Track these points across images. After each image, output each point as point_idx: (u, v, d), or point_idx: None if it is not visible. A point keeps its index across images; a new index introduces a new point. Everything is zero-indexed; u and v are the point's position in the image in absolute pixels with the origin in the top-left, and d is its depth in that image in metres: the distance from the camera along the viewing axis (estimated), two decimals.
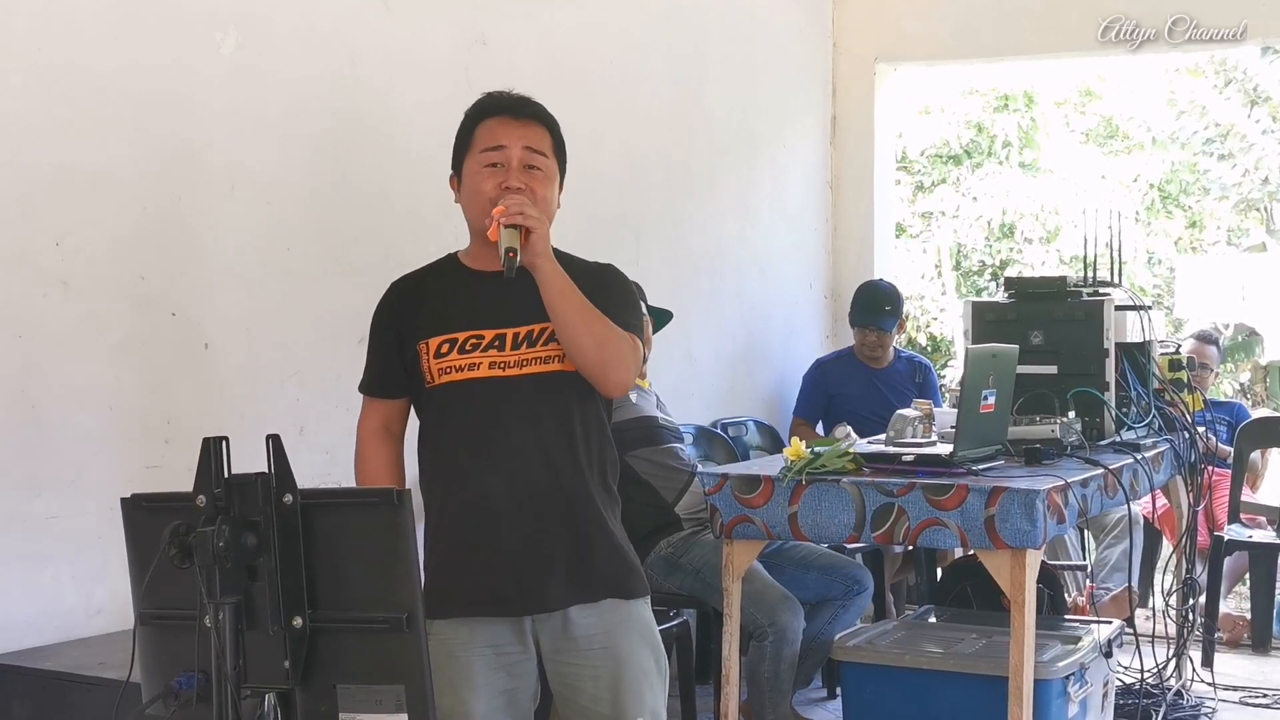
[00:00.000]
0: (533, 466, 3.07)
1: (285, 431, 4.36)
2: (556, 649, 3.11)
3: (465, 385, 3.08)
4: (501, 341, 3.08)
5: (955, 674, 4.47)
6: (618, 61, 5.87)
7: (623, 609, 3.13)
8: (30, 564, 3.74)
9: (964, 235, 14.03)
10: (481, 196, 3.10)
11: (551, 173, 3.19)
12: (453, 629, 3.08)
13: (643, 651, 3.14)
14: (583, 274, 3.15)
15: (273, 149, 4.38)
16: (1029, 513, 4.04)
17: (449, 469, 3.13)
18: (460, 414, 3.10)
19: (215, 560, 2.24)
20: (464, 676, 3.07)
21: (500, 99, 3.23)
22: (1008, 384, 4.56)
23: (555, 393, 3.09)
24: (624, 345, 3.08)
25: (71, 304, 3.82)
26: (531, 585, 3.06)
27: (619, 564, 3.16)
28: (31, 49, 3.73)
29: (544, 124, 3.21)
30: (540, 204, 3.09)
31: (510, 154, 3.12)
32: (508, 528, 3.06)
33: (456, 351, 3.08)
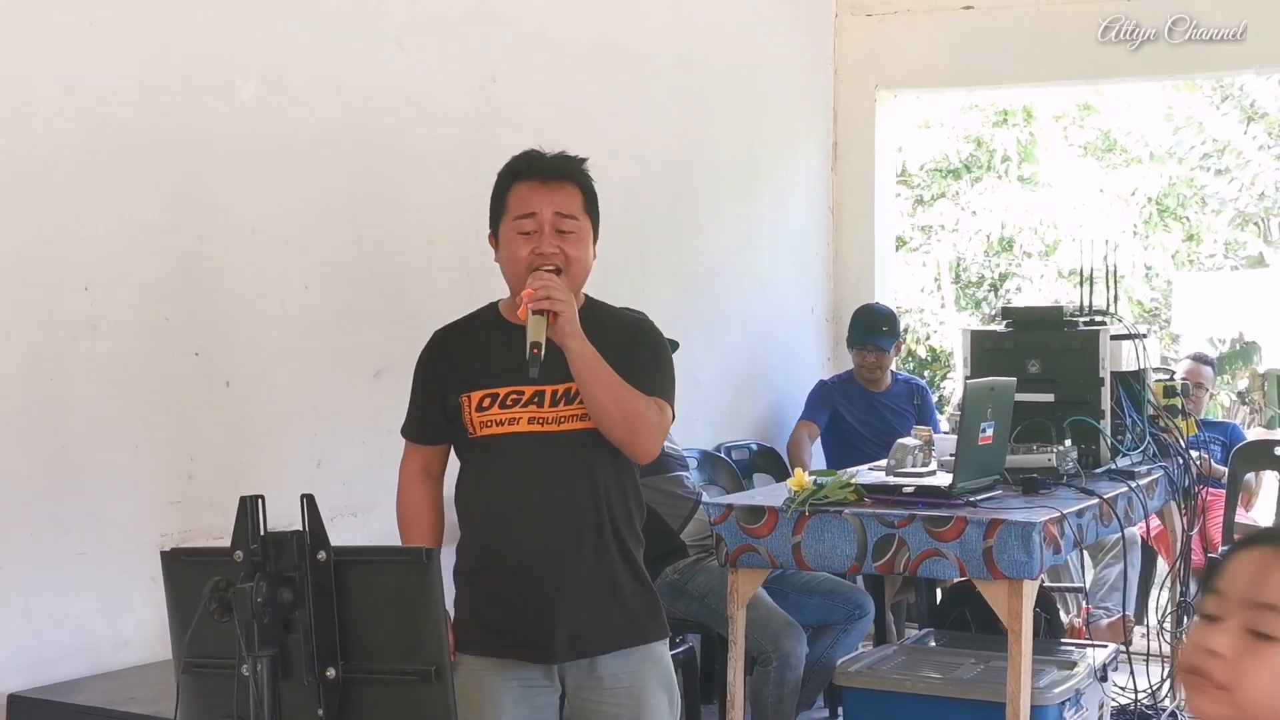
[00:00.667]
0: (565, 520, 3.21)
1: (303, 464, 4.55)
2: (581, 686, 3.26)
3: (505, 439, 3.23)
4: (541, 398, 3.21)
5: (954, 700, 4.60)
6: (623, 94, 6.00)
7: (645, 651, 3.29)
8: (60, 598, 3.87)
9: (963, 249, 14.14)
10: (518, 263, 3.24)
11: (584, 232, 3.30)
12: (482, 662, 3.24)
13: (661, 692, 3.30)
14: (615, 329, 3.29)
15: (291, 190, 4.51)
16: (1026, 544, 4.16)
17: (485, 516, 3.29)
18: (499, 466, 3.25)
19: (253, 615, 2.36)
20: (490, 706, 3.21)
21: (531, 162, 3.33)
22: (1005, 415, 4.68)
23: (590, 449, 3.22)
24: (651, 416, 3.20)
25: (99, 346, 3.95)
26: (559, 635, 3.21)
27: (643, 612, 3.31)
28: (61, 98, 3.85)
29: (575, 183, 3.31)
30: (573, 265, 3.24)
31: (542, 219, 3.24)
32: (538, 578, 3.21)
33: (498, 406, 3.22)
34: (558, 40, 5.62)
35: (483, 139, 5.24)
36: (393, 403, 4.84)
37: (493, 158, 5.23)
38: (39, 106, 3.81)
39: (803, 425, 6.79)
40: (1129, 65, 7.07)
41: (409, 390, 4.86)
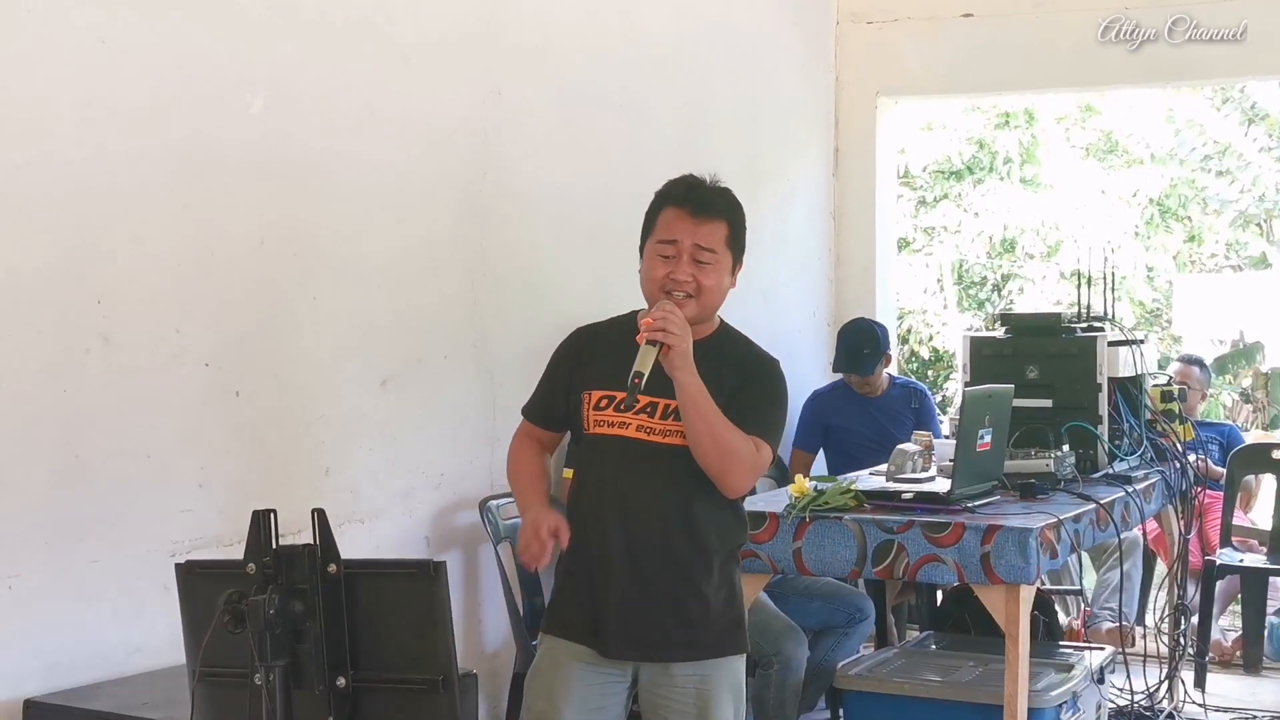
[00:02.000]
0: (647, 526, 3.37)
1: (311, 472, 4.63)
2: (654, 681, 3.41)
3: (613, 441, 3.39)
4: (654, 409, 3.35)
5: (954, 702, 4.67)
6: (626, 104, 6.06)
7: (721, 662, 3.43)
8: (74, 605, 3.93)
9: (966, 250, 14.19)
10: (653, 282, 3.40)
11: (722, 264, 3.43)
12: (562, 644, 3.42)
13: (729, 701, 3.43)
14: (738, 362, 3.45)
15: (299, 204, 4.58)
16: (1023, 550, 4.23)
17: (582, 510, 3.44)
18: (602, 465, 3.41)
19: (266, 626, 2.44)
20: (562, 686, 3.38)
21: (685, 192, 3.45)
22: (1003, 423, 4.75)
23: (684, 466, 3.35)
24: (746, 455, 3.34)
25: (111, 358, 4.02)
26: (627, 635, 3.37)
27: (724, 627, 3.44)
28: (73, 115, 3.92)
29: (723, 218, 3.44)
30: (705, 293, 3.37)
31: (681, 247, 3.38)
32: (613, 575, 3.37)
33: (613, 409, 3.38)
34: (561, 52, 5.69)
35: (488, 151, 5.32)
36: (400, 411, 4.96)
37: (497, 169, 5.36)
38: (52, 123, 3.88)
39: (796, 457, 6.75)
40: (1129, 69, 7.11)
41: (414, 399, 4.98)
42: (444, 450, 5.14)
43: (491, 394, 5.28)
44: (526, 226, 5.50)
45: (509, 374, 5.23)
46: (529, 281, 5.48)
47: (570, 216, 5.73)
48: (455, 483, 5.18)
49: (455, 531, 5.19)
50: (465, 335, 5.24)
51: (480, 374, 5.29)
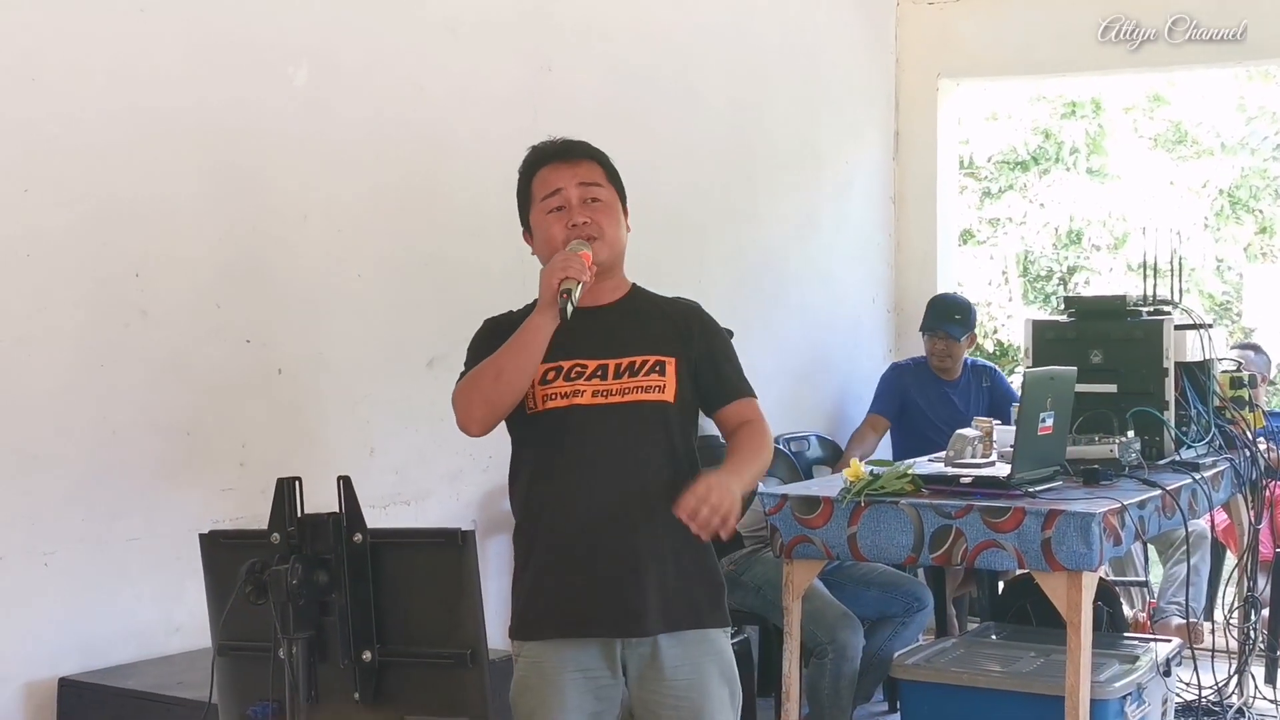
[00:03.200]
0: (629, 493, 3.18)
1: (355, 453, 4.55)
2: (643, 677, 3.21)
3: (567, 411, 3.19)
4: (604, 371, 3.20)
5: (1013, 693, 4.53)
6: (680, 84, 5.96)
7: (706, 641, 3.25)
8: (112, 584, 3.88)
9: (1031, 242, 14.00)
10: (553, 241, 3.23)
11: (612, 202, 3.32)
12: (545, 651, 3.19)
13: (722, 685, 3.26)
14: (665, 315, 3.30)
15: (343, 178, 4.51)
16: (1085, 535, 4.09)
17: (546, 493, 3.22)
18: (560, 439, 3.20)
19: (289, 597, 2.36)
20: (556, 698, 3.17)
21: (546, 148, 3.37)
22: (1066, 406, 4.61)
23: (654, 422, 3.20)
24: (766, 434, 3.29)
25: (150, 333, 3.96)
26: (622, 609, 3.16)
27: (703, 594, 3.27)
28: (111, 85, 3.86)
29: (593, 159, 3.35)
30: (607, 234, 3.24)
31: (569, 194, 3.26)
32: (602, 551, 3.16)
33: (561, 379, 3.19)
34: (613, 29, 5.59)
35: (536, 129, 5.17)
36: (446, 391, 4.84)
37: None
38: (91, 95, 3.82)
39: (870, 420, 6.69)
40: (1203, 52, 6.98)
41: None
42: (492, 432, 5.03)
43: None
44: None
45: None
46: None
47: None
48: (503, 465, 4.99)
49: (503, 514, 5.08)
50: None
51: None
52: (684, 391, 3.23)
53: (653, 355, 3.21)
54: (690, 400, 3.26)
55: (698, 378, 3.25)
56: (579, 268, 3.10)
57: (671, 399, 3.20)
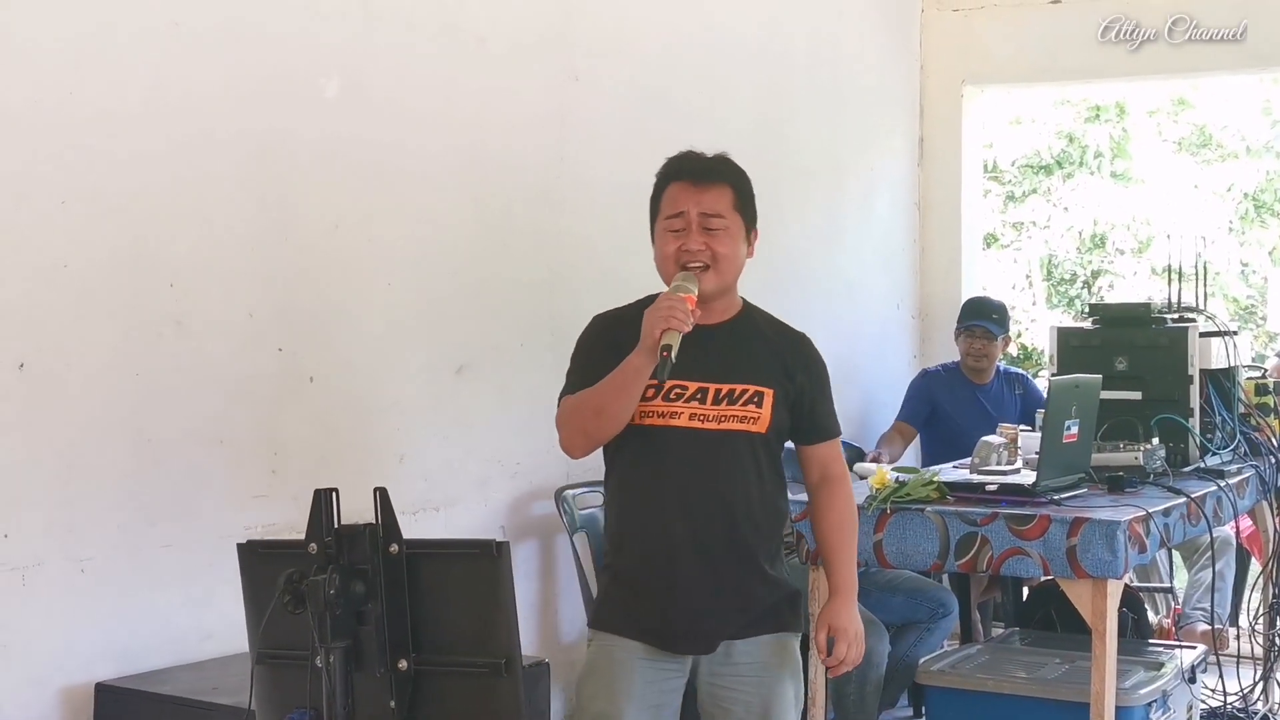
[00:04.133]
0: (712, 516, 3.27)
1: (385, 460, 4.59)
2: (713, 672, 3.32)
3: (664, 431, 3.27)
4: (704, 395, 3.27)
5: (1039, 700, 4.54)
6: (705, 92, 5.99)
7: (779, 641, 3.36)
8: (146, 590, 3.93)
9: (1055, 246, 13.98)
10: (666, 259, 3.33)
11: (733, 230, 3.36)
12: (617, 639, 3.31)
13: (790, 684, 3.36)
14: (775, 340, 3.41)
15: (373, 188, 4.55)
16: (1110, 543, 4.11)
17: (634, 504, 3.33)
18: (653, 457, 3.28)
19: (326, 607, 2.39)
20: (623, 683, 3.27)
21: (682, 164, 3.42)
22: (1091, 413, 4.63)
23: (745, 451, 3.29)
24: (854, 506, 3.49)
25: (184, 342, 4.00)
26: (695, 628, 3.27)
27: (784, 602, 3.39)
28: (147, 98, 3.91)
29: (726, 182, 3.38)
30: (721, 261, 3.31)
31: (689, 218, 3.32)
32: (680, 569, 3.26)
33: (661, 399, 3.25)
34: (638, 39, 5.62)
35: (564, 137, 5.27)
36: (475, 399, 4.92)
37: (574, 155, 5.31)
38: (125, 107, 3.86)
39: (897, 426, 6.69)
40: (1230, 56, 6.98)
41: (490, 387, 4.94)
42: (520, 439, 5.08)
43: None
44: (602, 214, 5.44)
45: None
46: (605, 269, 5.41)
47: (646, 204, 5.63)
48: (531, 472, 5.13)
49: (531, 521, 5.14)
50: (541, 323, 5.18)
51: (557, 362, 5.15)
52: (778, 422, 3.32)
53: (752, 385, 3.29)
54: (782, 430, 3.36)
55: (793, 410, 3.35)
56: (682, 316, 3.15)
57: (764, 430, 3.30)
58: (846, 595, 3.40)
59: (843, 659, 3.38)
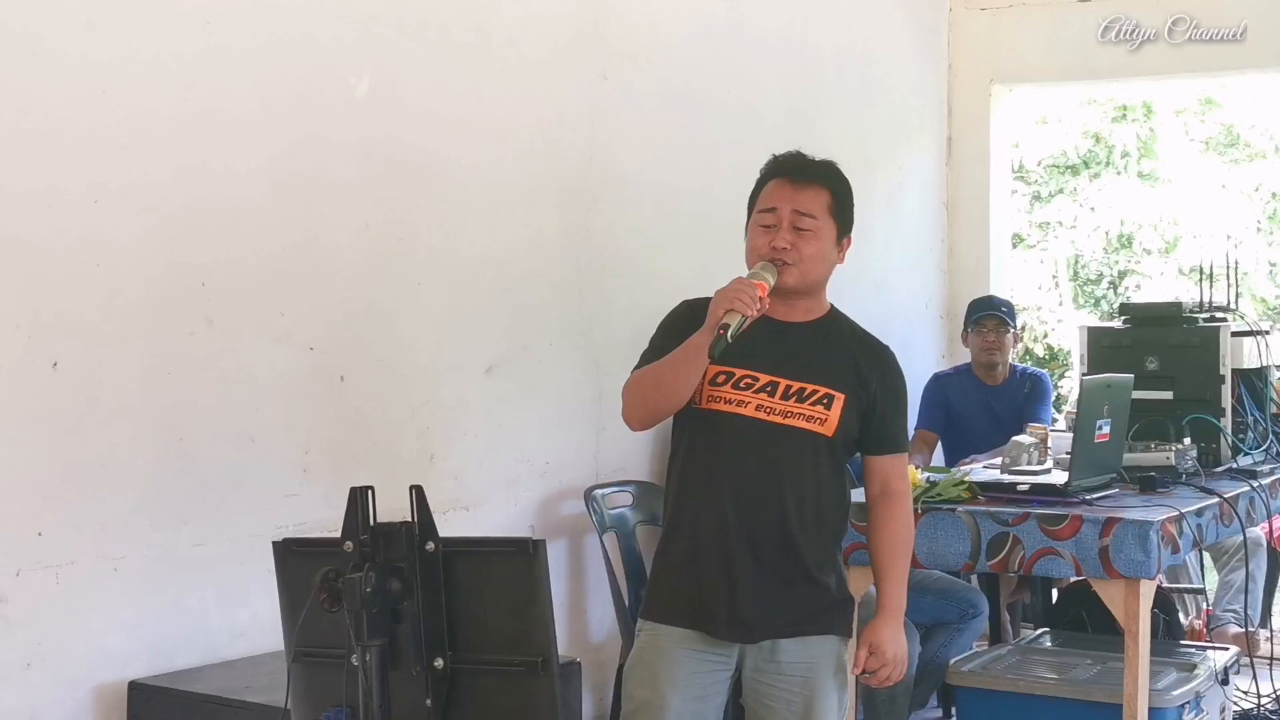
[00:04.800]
0: (769, 510, 3.28)
1: (415, 459, 4.60)
2: (759, 669, 3.32)
3: (728, 418, 3.28)
4: (773, 389, 3.28)
5: (1071, 700, 4.53)
6: (734, 90, 5.98)
7: (825, 643, 3.35)
8: (178, 589, 3.93)
9: (1082, 246, 13.93)
10: (754, 253, 3.34)
11: (824, 232, 3.35)
12: (665, 629, 3.32)
13: (834, 689, 3.35)
14: (859, 350, 3.40)
15: (403, 188, 4.55)
16: (1143, 543, 4.09)
17: (693, 489, 3.33)
18: (717, 443, 3.30)
19: (363, 605, 2.39)
20: (668, 672, 3.29)
21: (783, 162, 3.43)
22: (1123, 413, 4.61)
23: (808, 450, 3.30)
24: (911, 525, 3.55)
25: (216, 340, 4.01)
26: (739, 615, 3.27)
27: (834, 607, 3.39)
28: (178, 98, 3.91)
29: (824, 185, 3.38)
30: (806, 260, 3.30)
31: (781, 215, 3.32)
32: (729, 556, 3.27)
33: (730, 386, 3.28)
34: (667, 38, 5.62)
35: (593, 138, 5.27)
36: (505, 399, 4.92)
37: (603, 154, 5.31)
38: (158, 107, 3.87)
39: (919, 435, 6.65)
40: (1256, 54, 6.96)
41: (520, 387, 4.94)
42: (549, 438, 5.09)
43: (598, 382, 5.22)
44: (632, 213, 5.44)
45: (615, 362, 5.15)
46: (634, 269, 5.42)
47: (676, 204, 5.66)
48: (560, 471, 5.13)
49: (560, 520, 5.14)
50: (571, 323, 5.19)
51: (586, 362, 5.24)
52: (845, 428, 3.32)
53: (824, 387, 3.29)
54: (849, 436, 3.35)
55: (863, 420, 3.35)
56: (748, 300, 3.15)
57: (830, 433, 3.30)
58: (893, 615, 3.39)
59: (875, 674, 3.38)
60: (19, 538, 3.57)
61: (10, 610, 3.55)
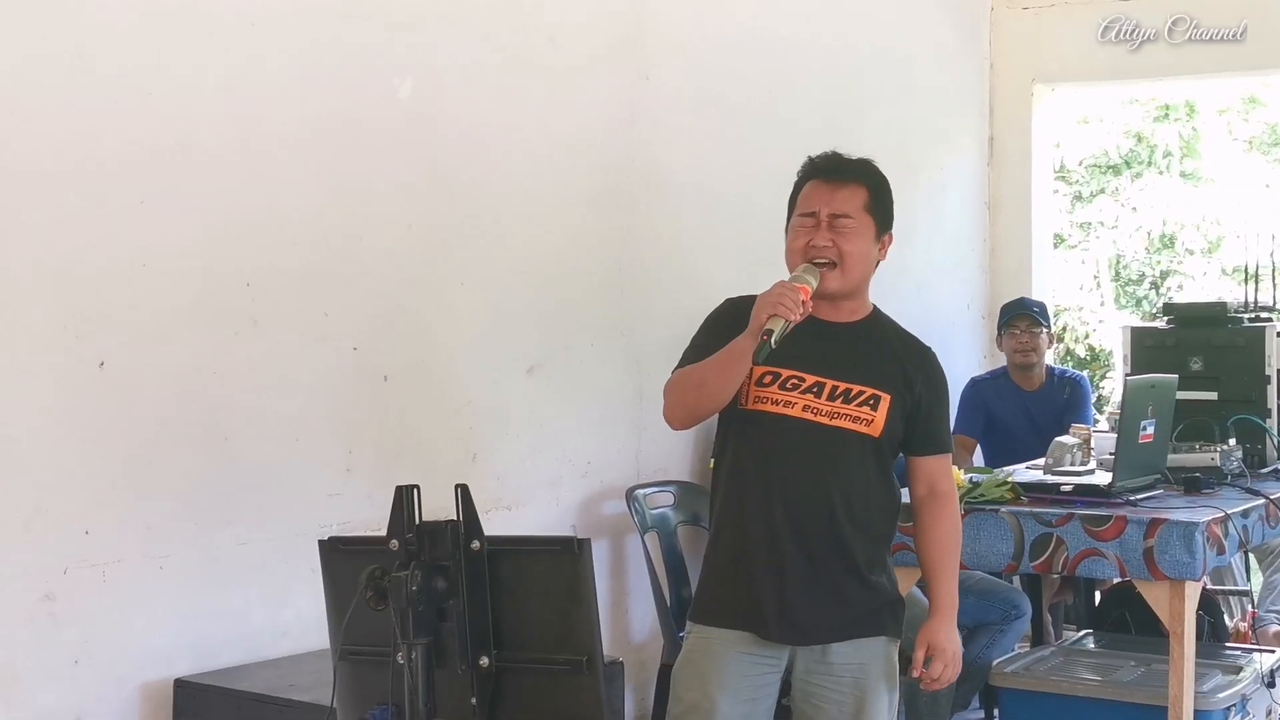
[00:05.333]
0: (813, 510, 3.27)
1: (458, 458, 4.61)
2: (810, 670, 3.31)
3: (776, 419, 3.28)
4: (820, 389, 3.28)
5: (1113, 702, 4.51)
6: (774, 90, 5.97)
7: (876, 645, 3.35)
8: (222, 588, 3.95)
9: (1123, 246, 13.85)
10: (794, 253, 3.35)
11: (862, 230, 3.35)
12: (715, 630, 3.32)
13: (885, 690, 3.35)
14: (903, 350, 3.41)
15: (446, 188, 4.56)
16: (1188, 544, 4.07)
17: (741, 491, 3.33)
18: (762, 444, 3.30)
19: (409, 603, 2.40)
20: (717, 675, 3.28)
21: (820, 163, 3.44)
22: (1167, 414, 4.59)
23: (855, 451, 3.30)
24: (959, 525, 3.55)
25: (260, 341, 4.03)
26: (790, 617, 3.27)
27: (885, 608, 3.38)
28: (222, 99, 3.94)
29: (860, 182, 3.38)
30: (846, 258, 3.31)
31: (820, 216, 3.33)
32: (778, 558, 3.27)
33: (777, 386, 3.28)
34: (708, 37, 5.61)
35: (634, 136, 5.27)
36: (546, 399, 4.92)
37: (645, 154, 5.31)
38: (203, 109, 3.90)
39: (956, 442, 6.60)
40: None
41: (561, 387, 4.95)
42: (591, 438, 5.09)
43: (639, 382, 5.22)
44: (673, 213, 5.44)
45: (656, 362, 5.15)
46: (675, 269, 5.42)
47: (716, 204, 5.66)
48: (602, 471, 5.14)
49: (602, 520, 5.14)
50: (612, 323, 5.19)
51: (627, 362, 5.25)
52: (891, 429, 3.32)
53: (870, 388, 3.29)
54: (895, 436, 3.35)
55: (908, 421, 3.35)
56: (791, 304, 3.15)
57: (876, 434, 3.29)
58: (947, 614, 3.40)
59: (937, 677, 3.38)
60: (67, 536, 3.61)
61: (58, 608, 3.58)
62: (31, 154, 3.55)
